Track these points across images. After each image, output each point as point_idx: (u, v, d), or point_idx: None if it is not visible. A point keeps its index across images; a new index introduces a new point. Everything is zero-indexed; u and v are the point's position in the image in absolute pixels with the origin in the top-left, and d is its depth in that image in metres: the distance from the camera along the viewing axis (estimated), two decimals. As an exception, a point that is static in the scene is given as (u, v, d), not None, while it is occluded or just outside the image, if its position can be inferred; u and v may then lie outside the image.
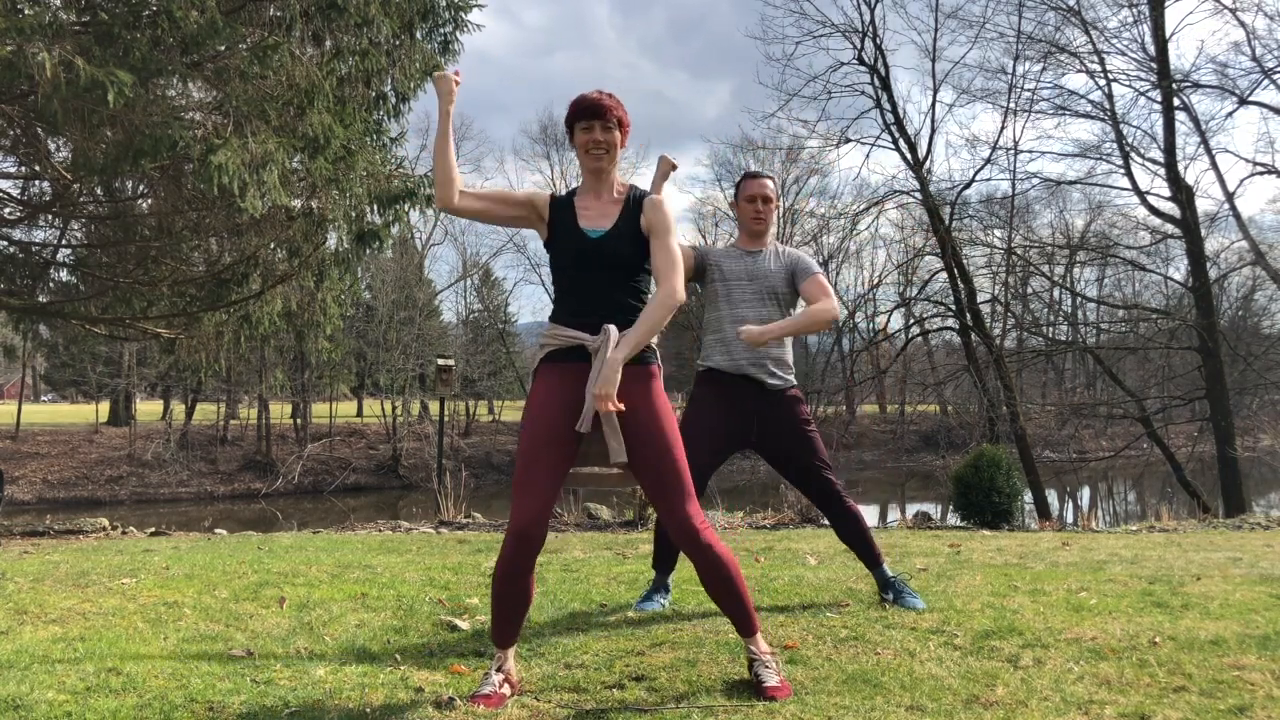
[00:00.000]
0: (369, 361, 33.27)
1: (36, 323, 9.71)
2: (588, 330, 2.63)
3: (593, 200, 2.73)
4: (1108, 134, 17.27)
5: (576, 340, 2.63)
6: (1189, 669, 2.74)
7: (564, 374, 2.65)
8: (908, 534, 6.65)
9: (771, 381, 3.61)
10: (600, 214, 2.70)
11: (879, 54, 18.19)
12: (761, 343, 3.36)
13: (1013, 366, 18.47)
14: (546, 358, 2.70)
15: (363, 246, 8.57)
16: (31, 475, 26.55)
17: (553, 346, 2.69)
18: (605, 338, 2.60)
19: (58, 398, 51.00)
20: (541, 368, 2.71)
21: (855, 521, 3.65)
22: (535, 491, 2.55)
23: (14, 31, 5.62)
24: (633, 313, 2.67)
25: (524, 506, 2.53)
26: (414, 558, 5.22)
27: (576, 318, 2.66)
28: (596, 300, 2.66)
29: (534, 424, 2.62)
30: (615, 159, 2.74)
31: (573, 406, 2.62)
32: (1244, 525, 7.75)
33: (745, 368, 3.60)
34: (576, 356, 2.65)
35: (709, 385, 3.68)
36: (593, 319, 2.64)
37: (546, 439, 2.59)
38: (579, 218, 2.70)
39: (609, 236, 2.66)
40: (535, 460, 2.58)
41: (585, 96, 2.70)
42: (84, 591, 4.10)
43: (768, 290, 3.67)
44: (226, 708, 2.48)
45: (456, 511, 8.54)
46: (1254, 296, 27.42)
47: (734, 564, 2.63)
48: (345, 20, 7.25)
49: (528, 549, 2.53)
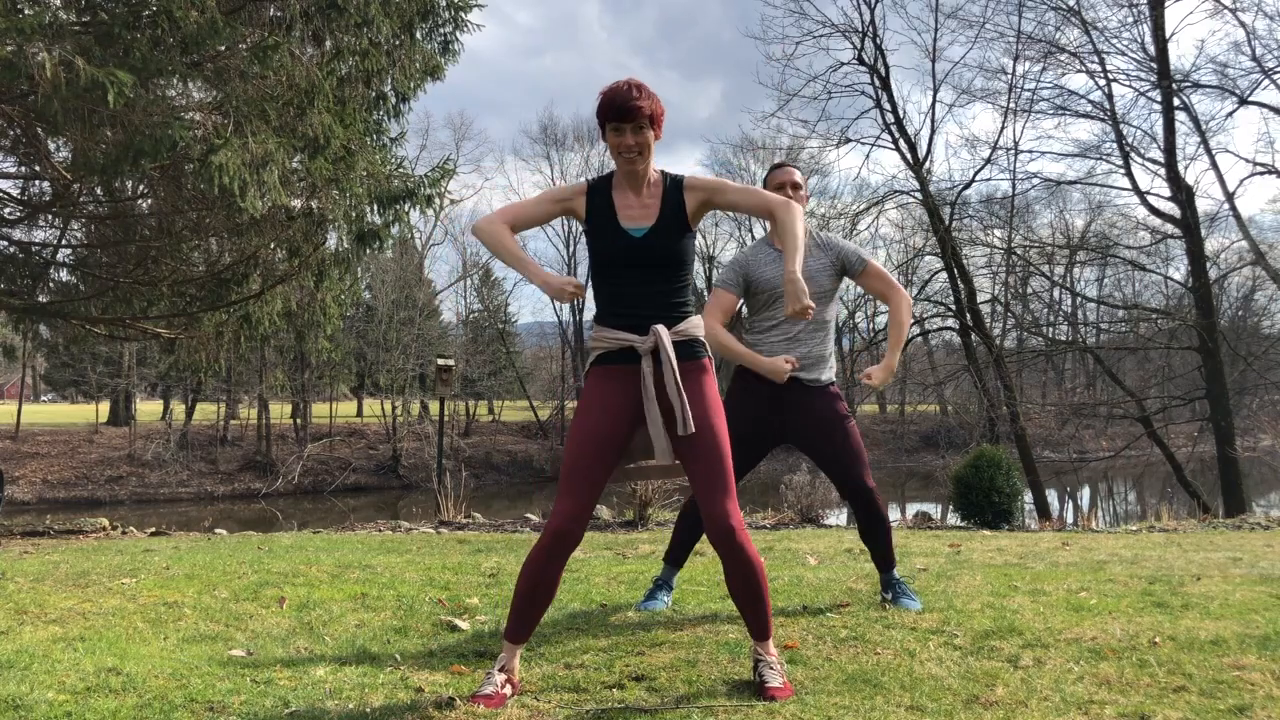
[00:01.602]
0: (369, 361, 33.27)
1: (36, 323, 9.70)
2: (635, 331, 2.61)
3: (632, 198, 2.67)
4: (1108, 134, 17.32)
5: (625, 342, 2.61)
6: (1189, 669, 2.74)
7: (613, 376, 2.64)
8: (908, 534, 6.65)
9: (810, 377, 3.58)
10: (641, 211, 2.66)
11: (879, 54, 18.22)
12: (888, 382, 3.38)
13: (1013, 366, 18.49)
14: (597, 360, 2.68)
15: (363, 246, 8.57)
16: (31, 475, 26.55)
17: (601, 349, 2.66)
18: (656, 338, 2.58)
19: (58, 398, 51.00)
20: (592, 370, 2.69)
21: (881, 523, 3.61)
22: (580, 491, 2.56)
23: (14, 31, 5.63)
24: (679, 310, 2.65)
25: (570, 504, 2.55)
26: (414, 558, 5.22)
27: (622, 319, 2.63)
28: (642, 299, 2.63)
29: (583, 426, 2.61)
30: (649, 156, 2.66)
31: (622, 409, 2.61)
32: (1244, 525, 7.75)
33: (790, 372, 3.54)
34: (626, 359, 2.63)
35: (750, 383, 3.60)
36: (639, 319, 2.61)
37: (596, 441, 2.59)
38: (619, 215, 2.65)
39: (652, 233, 2.63)
40: (582, 461, 2.58)
41: (615, 94, 2.57)
42: (84, 591, 4.10)
43: (815, 293, 3.59)
44: (226, 708, 2.48)
45: (456, 511, 8.54)
46: (1254, 296, 27.46)
47: (762, 569, 2.63)
48: (345, 20, 7.25)
49: (565, 545, 2.55)
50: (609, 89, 2.60)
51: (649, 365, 2.59)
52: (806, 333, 3.59)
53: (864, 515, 3.59)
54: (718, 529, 2.57)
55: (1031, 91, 17.45)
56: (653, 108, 2.59)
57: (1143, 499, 25.77)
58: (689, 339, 2.66)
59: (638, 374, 2.61)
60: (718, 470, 2.59)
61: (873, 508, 3.57)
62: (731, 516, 2.57)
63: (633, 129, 2.58)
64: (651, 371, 2.59)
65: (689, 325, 2.66)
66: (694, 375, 2.64)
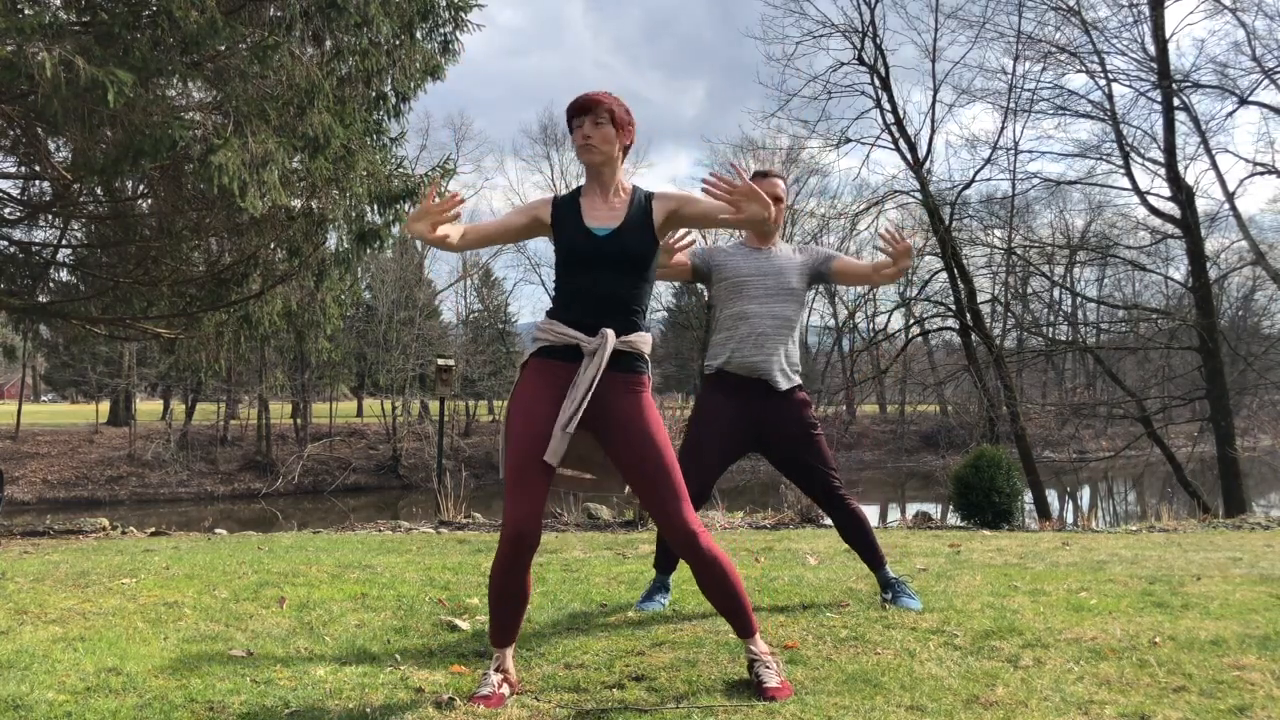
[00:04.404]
0: (369, 361, 33.27)
1: (36, 323, 9.71)
2: (585, 331, 2.61)
3: (599, 200, 2.70)
4: (1108, 134, 17.28)
5: (573, 339, 2.61)
6: (1189, 669, 2.74)
7: (554, 372, 2.62)
8: (908, 534, 6.65)
9: (781, 383, 3.58)
10: (608, 214, 2.68)
11: (879, 54, 18.21)
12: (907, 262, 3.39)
13: (1013, 366, 18.48)
14: (538, 352, 2.67)
15: (363, 246, 8.57)
16: (31, 475, 26.55)
17: (546, 342, 2.65)
18: (603, 341, 2.58)
19: (58, 398, 50.99)
20: (532, 362, 2.67)
21: (859, 523, 3.64)
22: (528, 491, 2.54)
23: (14, 31, 5.63)
24: (633, 319, 2.66)
25: (518, 506, 2.52)
26: (414, 558, 5.22)
27: (575, 316, 2.63)
28: (598, 300, 2.63)
29: (524, 422, 2.59)
30: (613, 156, 2.69)
31: (555, 407, 2.60)
32: (1244, 525, 7.75)
33: (757, 367, 3.56)
34: (569, 356, 2.62)
35: (717, 388, 3.63)
36: (592, 320, 2.61)
37: (535, 439, 2.57)
38: (585, 216, 2.68)
39: (617, 234, 2.64)
40: (526, 461, 2.56)
41: (580, 95, 2.67)
42: (84, 591, 4.10)
43: (781, 287, 3.62)
44: (226, 708, 2.48)
45: (456, 511, 8.54)
46: (1254, 296, 27.47)
47: (730, 566, 2.62)
48: (345, 20, 7.24)
49: (524, 550, 2.53)
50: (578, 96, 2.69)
51: (588, 363, 2.58)
52: (773, 328, 3.59)
53: (841, 518, 3.64)
54: (678, 537, 2.59)
55: (1031, 91, 17.44)
56: (613, 106, 2.66)
57: (1143, 499, 25.76)
58: (635, 351, 2.66)
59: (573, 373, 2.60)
60: (665, 480, 2.59)
61: (847, 508, 3.62)
62: (690, 522, 2.58)
63: (591, 121, 2.64)
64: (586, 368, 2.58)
65: (638, 338, 2.66)
66: (632, 388, 2.64)
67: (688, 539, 2.58)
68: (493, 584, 2.59)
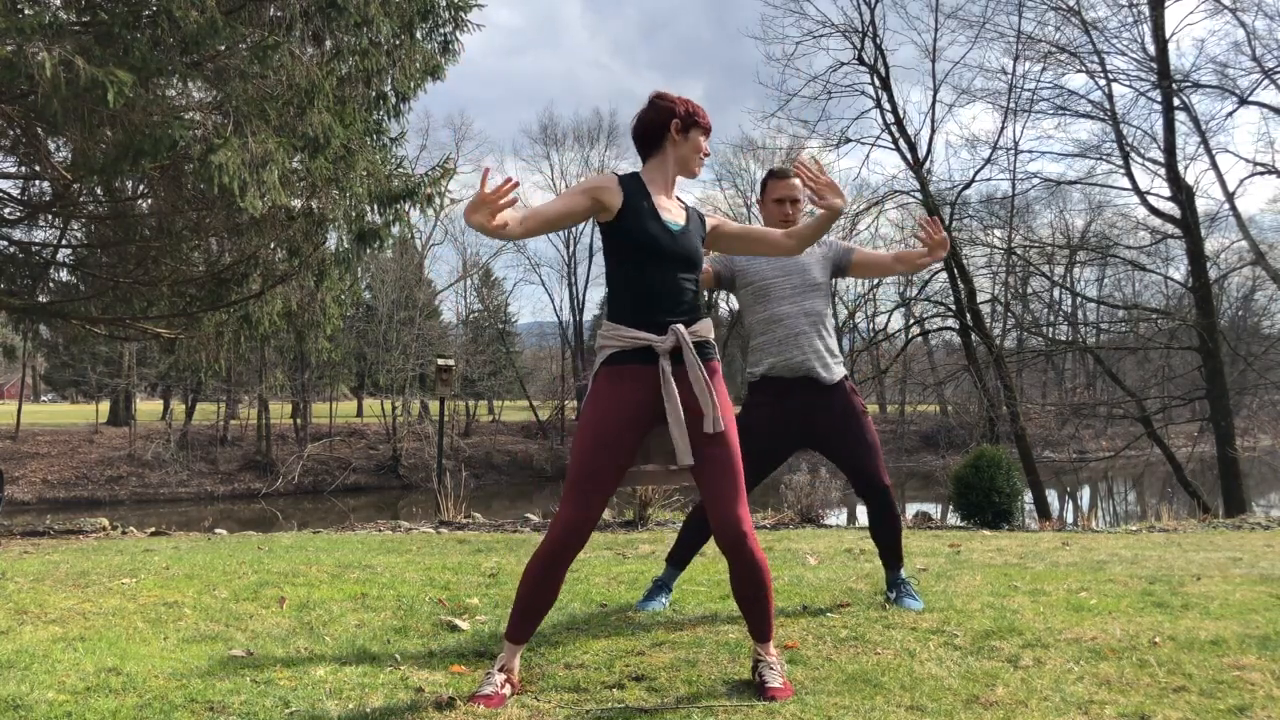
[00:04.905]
0: (369, 361, 33.27)
1: (36, 323, 9.70)
2: (654, 330, 2.59)
3: (665, 198, 2.72)
4: (1108, 134, 17.28)
5: (643, 341, 2.58)
6: (1189, 669, 2.74)
7: (627, 377, 2.59)
8: (908, 534, 6.65)
9: (825, 376, 3.57)
10: (676, 211, 2.72)
11: (879, 54, 18.22)
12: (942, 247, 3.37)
13: (1013, 366, 18.48)
14: (609, 360, 2.62)
15: (363, 246, 8.56)
16: (31, 475, 26.55)
17: (615, 348, 2.61)
18: (676, 337, 2.57)
19: (58, 398, 51.00)
20: (604, 370, 2.62)
21: (892, 520, 3.64)
22: (589, 500, 2.53)
23: (14, 31, 5.63)
24: (698, 310, 2.68)
25: (577, 511, 2.52)
26: (414, 558, 5.22)
27: (644, 316, 2.59)
28: (668, 296, 2.61)
29: (597, 431, 2.55)
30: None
31: (638, 413, 2.58)
32: (1244, 525, 7.75)
33: (801, 365, 3.55)
34: (641, 359, 2.59)
35: (765, 395, 3.61)
36: (661, 317, 2.59)
37: (610, 448, 2.55)
38: (659, 209, 2.67)
39: (686, 231, 2.68)
40: (595, 468, 2.54)
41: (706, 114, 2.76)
42: (84, 591, 4.10)
43: (807, 284, 3.62)
44: (226, 708, 2.48)
45: (456, 511, 8.54)
46: (1254, 296, 27.45)
47: (769, 573, 2.63)
48: (345, 20, 7.24)
49: (570, 552, 2.54)
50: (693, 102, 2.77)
51: (669, 364, 2.57)
52: (808, 324, 3.59)
53: (877, 511, 3.62)
54: (730, 534, 2.56)
55: (1031, 91, 17.45)
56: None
57: (1143, 499, 25.77)
58: (704, 340, 2.66)
59: (653, 375, 2.58)
60: (730, 475, 2.58)
61: (887, 504, 3.61)
62: (743, 522, 2.57)
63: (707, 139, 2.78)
64: (672, 371, 2.57)
65: (703, 326, 2.67)
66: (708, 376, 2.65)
67: (739, 537, 2.56)
68: (527, 577, 2.58)
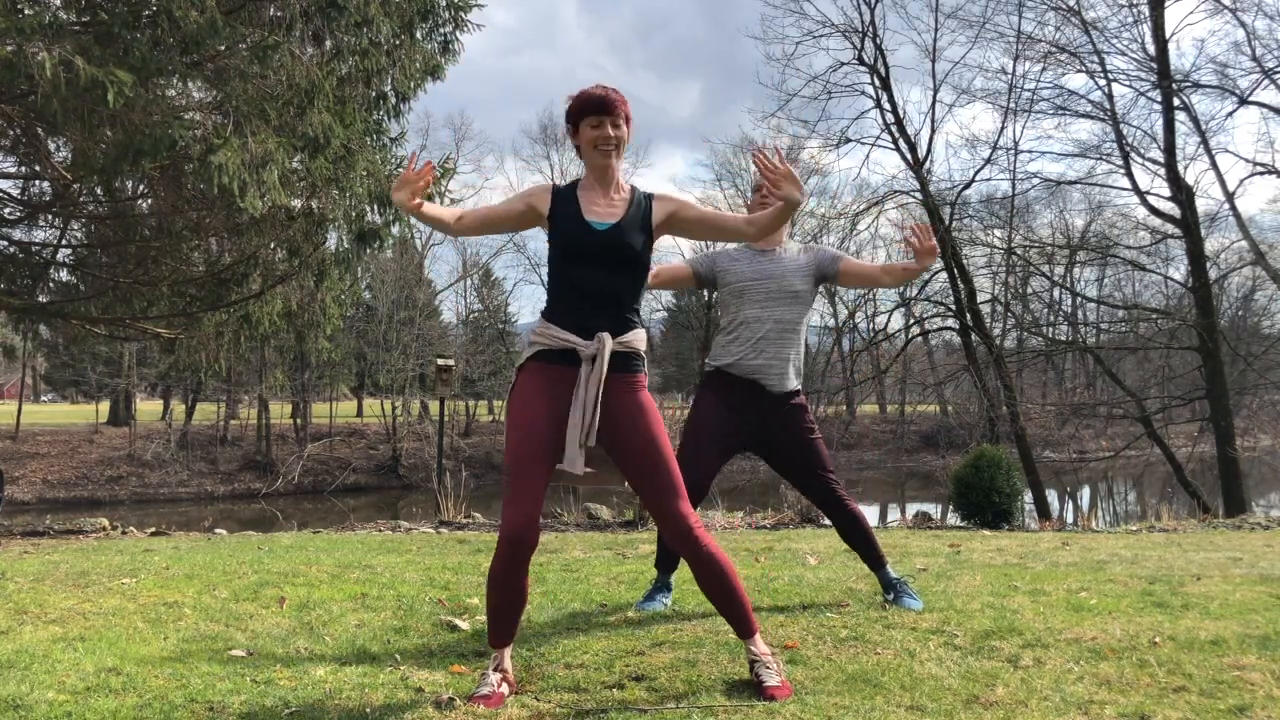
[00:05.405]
0: (369, 361, 33.26)
1: (36, 323, 9.71)
2: (582, 334, 2.60)
3: (599, 196, 2.69)
4: (1108, 134, 17.26)
5: (568, 343, 2.60)
6: (1189, 669, 2.74)
7: (551, 375, 2.62)
8: (908, 534, 6.64)
9: (778, 387, 3.59)
10: (608, 209, 2.67)
11: (879, 54, 18.20)
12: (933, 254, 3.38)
13: (1013, 366, 18.48)
14: (535, 356, 2.66)
15: (363, 246, 8.57)
16: (31, 475, 26.55)
17: (542, 346, 2.65)
18: (600, 345, 2.58)
19: (58, 398, 50.99)
20: (528, 365, 2.67)
21: (858, 524, 3.65)
22: (526, 495, 2.54)
23: (14, 31, 5.63)
24: (628, 318, 2.66)
25: (517, 511, 2.53)
26: (414, 558, 5.22)
27: (572, 318, 2.62)
28: (594, 298, 2.62)
29: (522, 427, 2.59)
30: (622, 155, 2.72)
31: (558, 410, 2.60)
32: (1244, 525, 7.75)
33: (752, 369, 3.57)
34: (566, 360, 2.62)
35: (715, 387, 3.64)
36: (589, 321, 2.60)
37: (535, 443, 2.57)
38: (584, 211, 2.66)
39: (615, 229, 2.64)
40: (525, 464, 2.56)
41: (592, 92, 2.65)
42: (84, 591, 4.10)
43: (784, 291, 3.61)
44: (226, 708, 2.48)
45: (456, 511, 8.54)
46: (1254, 296, 27.42)
47: (728, 564, 2.63)
48: (345, 20, 7.25)
49: (522, 552, 2.54)
50: (583, 90, 2.68)
51: (588, 370, 2.58)
52: (774, 332, 3.59)
53: (841, 520, 3.65)
54: (675, 532, 2.61)
55: (1031, 91, 17.42)
56: (628, 110, 2.70)
57: (1143, 499, 25.76)
58: (632, 351, 2.66)
59: (574, 377, 2.60)
60: (664, 476, 2.61)
61: (847, 510, 3.62)
62: (686, 518, 2.60)
63: (611, 123, 2.65)
64: (587, 377, 2.58)
65: (634, 337, 2.67)
66: (631, 387, 2.65)
67: (684, 534, 2.59)
68: (491, 584, 2.59)
